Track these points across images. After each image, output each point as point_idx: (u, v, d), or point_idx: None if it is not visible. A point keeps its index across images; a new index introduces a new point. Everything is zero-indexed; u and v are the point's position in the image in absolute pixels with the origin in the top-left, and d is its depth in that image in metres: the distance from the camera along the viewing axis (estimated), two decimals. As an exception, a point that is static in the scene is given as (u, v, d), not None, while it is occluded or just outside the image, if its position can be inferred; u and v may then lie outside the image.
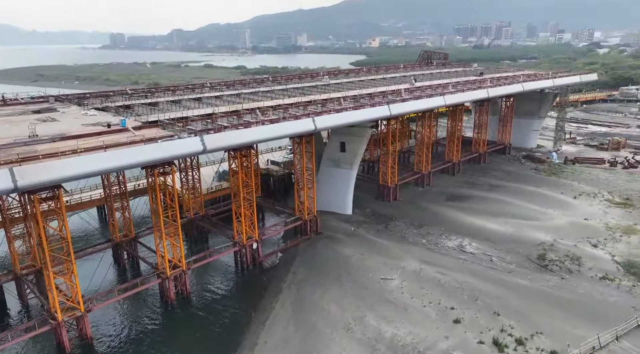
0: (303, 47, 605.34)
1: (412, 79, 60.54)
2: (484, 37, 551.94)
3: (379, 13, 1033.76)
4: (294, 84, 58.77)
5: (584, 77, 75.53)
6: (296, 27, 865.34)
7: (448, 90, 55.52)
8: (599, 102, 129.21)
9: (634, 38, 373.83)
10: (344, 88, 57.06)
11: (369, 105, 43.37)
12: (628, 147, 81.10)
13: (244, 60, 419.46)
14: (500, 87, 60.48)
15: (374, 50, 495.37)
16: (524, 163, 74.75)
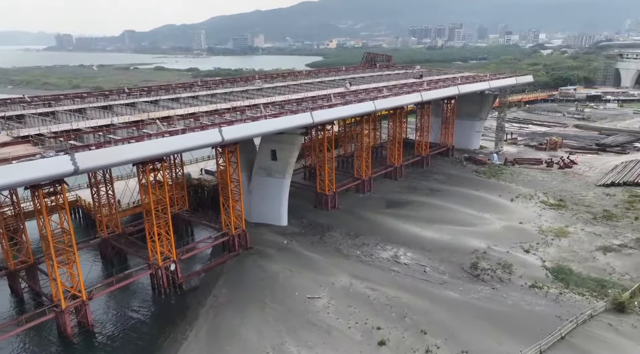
0: (260, 48, 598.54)
1: (347, 82, 58.60)
2: (438, 39, 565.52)
3: (337, 14, 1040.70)
4: (224, 88, 55.38)
5: (519, 79, 76.51)
6: (254, 28, 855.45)
7: (382, 94, 53.84)
8: (541, 102, 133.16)
9: (574, 40, 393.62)
10: (276, 93, 54.25)
11: (290, 112, 40.70)
12: (564, 147, 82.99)
13: (198, 62, 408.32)
14: (435, 90, 59.58)
15: (331, 52, 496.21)
16: (465, 165, 74.66)
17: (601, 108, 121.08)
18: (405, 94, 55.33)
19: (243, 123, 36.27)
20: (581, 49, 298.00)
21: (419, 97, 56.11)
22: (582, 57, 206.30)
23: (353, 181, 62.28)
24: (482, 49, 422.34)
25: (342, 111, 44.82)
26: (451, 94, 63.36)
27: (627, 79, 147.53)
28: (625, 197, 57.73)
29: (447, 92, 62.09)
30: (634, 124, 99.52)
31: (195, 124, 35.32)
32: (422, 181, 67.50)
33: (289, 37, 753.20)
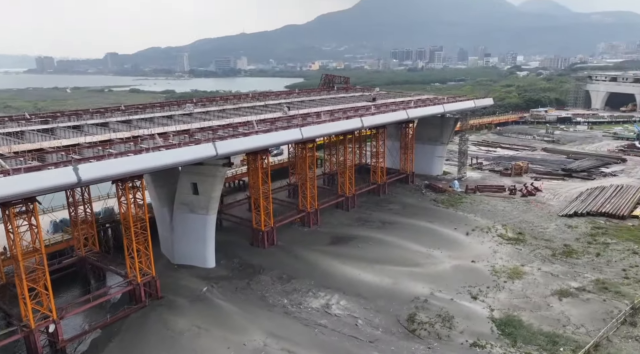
0: (242, 70, 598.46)
1: (285, 107, 53.80)
2: (419, 61, 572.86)
3: (322, 37, 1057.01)
4: (146, 114, 49.99)
5: (478, 102, 72.82)
6: (238, 51, 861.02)
7: (320, 119, 49.03)
8: (512, 124, 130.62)
9: (550, 62, 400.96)
10: (202, 119, 49.02)
11: (192, 142, 35.40)
12: (530, 172, 79.03)
13: (178, 84, 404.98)
14: (380, 115, 55.00)
15: (313, 73, 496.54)
16: (424, 193, 69.87)
17: (571, 130, 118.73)
18: (344, 119, 50.54)
19: (116, 158, 30.33)
20: (556, 71, 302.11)
21: (359, 123, 51.34)
22: (556, 79, 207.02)
23: (297, 213, 56.88)
24: (461, 70, 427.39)
25: (257, 140, 39.60)
26: (399, 119, 58.91)
27: (597, 101, 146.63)
28: (587, 230, 53.22)
29: (394, 117, 57.59)
30: (602, 147, 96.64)
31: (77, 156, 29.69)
32: (375, 212, 62.35)
33: (273, 59, 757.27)
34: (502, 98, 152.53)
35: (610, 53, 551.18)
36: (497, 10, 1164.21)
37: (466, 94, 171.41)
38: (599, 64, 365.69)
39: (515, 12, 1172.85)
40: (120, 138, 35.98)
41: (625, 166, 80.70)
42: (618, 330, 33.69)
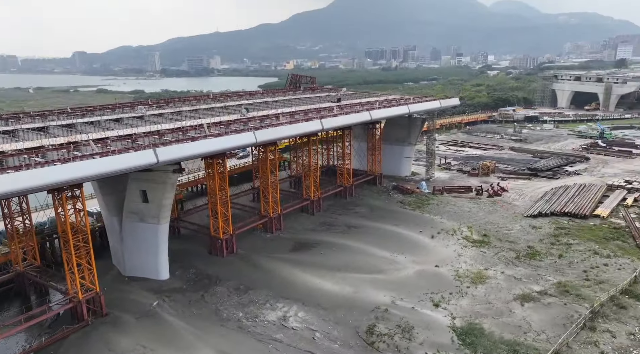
0: (216, 70, 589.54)
1: (243, 108, 51.57)
2: (393, 60, 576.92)
3: (297, 36, 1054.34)
4: (94, 117, 46.88)
5: (444, 102, 72.30)
6: (212, 50, 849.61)
7: (278, 121, 47.04)
8: (481, 123, 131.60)
9: (520, 61, 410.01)
10: (153, 122, 46.29)
11: (132, 149, 32.89)
12: (498, 172, 79.09)
13: (148, 83, 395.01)
14: (342, 116, 53.42)
15: (287, 73, 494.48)
16: (392, 195, 68.79)
17: (538, 129, 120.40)
18: (303, 121, 48.71)
19: (38, 168, 27.62)
20: (525, 71, 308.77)
21: (318, 125, 49.61)
22: (524, 78, 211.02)
23: (259, 219, 54.78)
24: (434, 70, 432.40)
25: (204, 145, 37.25)
26: (362, 120, 57.50)
27: (563, 100, 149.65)
28: (551, 230, 53.03)
29: (357, 118, 56.11)
30: (567, 146, 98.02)
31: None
32: (341, 216, 60.81)
33: (247, 58, 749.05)
34: (472, 97, 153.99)
35: (576, 53, 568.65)
36: (470, 10, 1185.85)
37: (437, 93, 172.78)
38: (565, 63, 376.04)
39: (487, 13, 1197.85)
40: (53, 145, 33.08)
41: (589, 164, 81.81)
42: (578, 336, 33.04)
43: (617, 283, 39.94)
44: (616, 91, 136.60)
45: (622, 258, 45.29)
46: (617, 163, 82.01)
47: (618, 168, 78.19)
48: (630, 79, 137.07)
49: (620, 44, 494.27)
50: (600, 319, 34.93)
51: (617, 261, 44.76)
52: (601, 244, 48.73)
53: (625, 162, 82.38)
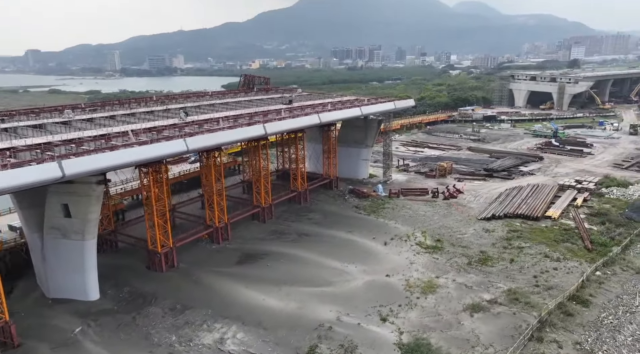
0: (179, 69, 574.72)
1: (182, 112, 48.19)
2: (358, 60, 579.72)
3: (263, 36, 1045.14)
4: (11, 122, 42.36)
5: (399, 103, 71.09)
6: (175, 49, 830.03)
7: (217, 126, 44.00)
8: (442, 123, 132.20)
9: (481, 61, 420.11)
10: (79, 128, 42.29)
11: (34, 161, 29.27)
12: (454, 173, 78.65)
13: (106, 83, 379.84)
14: (287, 120, 50.79)
15: (253, 72, 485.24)
16: (347, 199, 66.88)
17: (496, 128, 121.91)
18: (244, 126, 45.84)
19: None
20: (486, 70, 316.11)
21: (261, 130, 46.88)
22: (484, 77, 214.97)
23: (205, 229, 51.56)
24: (399, 69, 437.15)
25: (117, 157, 33.61)
26: (310, 123, 55.11)
27: (520, 99, 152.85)
28: (503, 233, 52.42)
29: (305, 121, 53.67)
30: (523, 145, 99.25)
31: None
32: (294, 223, 58.35)
33: (212, 57, 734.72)
34: (432, 97, 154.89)
35: (534, 53, 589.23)
36: (433, 10, 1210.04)
37: (399, 93, 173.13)
38: (523, 63, 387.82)
39: (450, 13, 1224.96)
40: None
41: (542, 164, 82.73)
42: (525, 348, 31.88)
43: (565, 288, 39.32)
44: (569, 90, 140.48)
45: (571, 261, 44.95)
46: (569, 162, 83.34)
47: (570, 167, 79.35)
48: (581, 79, 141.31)
49: (574, 44, 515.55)
50: (548, 329, 33.95)
51: (566, 264, 44.36)
52: (552, 246, 48.38)
53: (576, 161, 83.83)
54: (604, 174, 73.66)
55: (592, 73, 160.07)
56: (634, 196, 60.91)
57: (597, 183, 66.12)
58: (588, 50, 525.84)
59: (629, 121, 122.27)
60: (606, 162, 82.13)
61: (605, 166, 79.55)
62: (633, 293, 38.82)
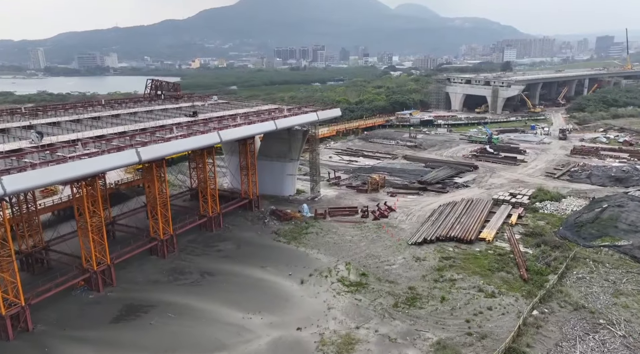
0: (111, 68, 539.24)
1: (34, 134, 37.64)
2: (302, 60, 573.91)
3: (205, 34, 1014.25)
4: None
5: (323, 114, 64.09)
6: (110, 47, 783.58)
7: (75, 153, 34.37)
8: (379, 128, 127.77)
9: (422, 62, 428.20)
10: None
11: None
12: (387, 186, 73.07)
13: (26, 83, 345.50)
14: (172, 142, 41.49)
15: (192, 72, 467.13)
16: (267, 223, 58.96)
17: (433, 133, 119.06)
18: (114, 151, 36.52)
19: None
20: (426, 71, 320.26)
21: (133, 157, 37.67)
22: (423, 79, 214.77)
23: (80, 274, 41.57)
24: (342, 70, 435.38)
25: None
26: (206, 143, 46.50)
27: (456, 103, 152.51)
28: (435, 262, 46.80)
29: (198, 142, 44.63)
30: (458, 152, 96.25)
31: None
32: (199, 257, 49.59)
33: (150, 56, 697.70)
34: (371, 100, 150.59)
35: (470, 54, 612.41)
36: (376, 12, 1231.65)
37: (338, 96, 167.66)
38: (461, 64, 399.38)
39: (391, 14, 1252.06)
40: None
41: (477, 174, 79.32)
42: None
43: (500, 336, 33.84)
44: (502, 94, 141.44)
45: (506, 297, 39.86)
46: (503, 171, 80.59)
47: (504, 177, 76.39)
48: (514, 82, 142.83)
49: (506, 47, 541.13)
50: (481, 401, 27.99)
51: (501, 301, 39.16)
52: (486, 277, 43.25)
53: (510, 169, 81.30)
54: (537, 184, 71.05)
55: (523, 77, 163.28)
56: (567, 211, 57.92)
57: (531, 196, 62.85)
58: (519, 53, 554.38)
59: (558, 125, 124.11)
60: (539, 170, 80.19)
61: (538, 174, 77.40)
62: (573, 338, 34.04)
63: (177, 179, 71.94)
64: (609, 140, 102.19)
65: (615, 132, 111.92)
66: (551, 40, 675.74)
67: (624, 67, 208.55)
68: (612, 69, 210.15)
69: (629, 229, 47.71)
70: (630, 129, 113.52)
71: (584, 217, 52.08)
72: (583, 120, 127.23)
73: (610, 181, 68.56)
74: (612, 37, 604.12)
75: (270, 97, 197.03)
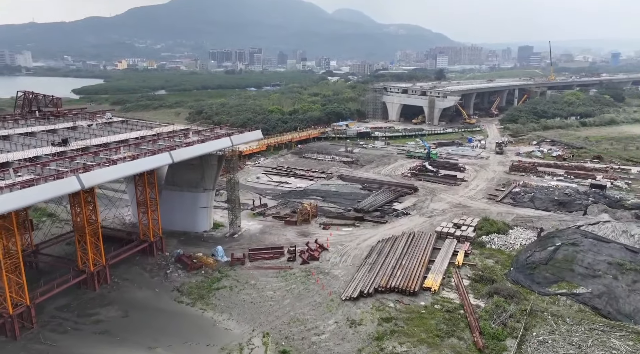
0: (24, 68, 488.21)
1: None
2: (238, 63, 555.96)
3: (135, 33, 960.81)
4: None
5: (240, 138, 52.99)
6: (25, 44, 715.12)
7: None
8: (314, 141, 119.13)
9: (359, 68, 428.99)
10: None
11: None
12: (320, 216, 64.01)
13: None
14: (8, 195, 29.65)
15: (118, 74, 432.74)
16: (170, 275, 47.41)
17: (370, 147, 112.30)
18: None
19: None
20: (363, 77, 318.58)
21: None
22: (360, 86, 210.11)
23: None
24: (280, 74, 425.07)
25: None
26: (59, 193, 34.36)
27: (393, 113, 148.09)
28: (373, 327, 38.05)
29: (46, 192, 32.45)
30: (397, 170, 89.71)
31: None
32: (64, 335, 37.21)
33: (70, 55, 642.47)
34: (306, 110, 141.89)
35: (405, 60, 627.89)
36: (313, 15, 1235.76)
37: (271, 104, 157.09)
38: (397, 70, 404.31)
39: (329, 19, 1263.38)
40: None
41: (417, 197, 72.61)
42: None
43: None
44: (439, 104, 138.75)
45: (461, 378, 31.90)
46: (444, 193, 74.67)
47: (445, 201, 70.25)
48: (449, 93, 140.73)
49: (439, 54, 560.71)
50: None
51: (455, 387, 31.08)
52: (434, 348, 35.17)
53: (451, 191, 75.59)
54: (481, 209, 65.57)
55: (459, 87, 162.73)
56: (515, 245, 52.07)
57: (476, 228, 56.58)
58: (450, 60, 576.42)
59: (493, 137, 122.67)
60: (480, 191, 75.15)
61: (480, 197, 72.17)
62: None
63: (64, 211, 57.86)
64: (544, 154, 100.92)
65: (548, 144, 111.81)
66: (479, 48, 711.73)
67: (548, 78, 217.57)
68: (538, 79, 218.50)
69: (586, 273, 42.14)
70: (560, 141, 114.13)
71: (536, 257, 46.11)
72: (516, 131, 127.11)
73: (553, 205, 64.49)
74: (532, 47, 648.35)
75: (198, 104, 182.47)
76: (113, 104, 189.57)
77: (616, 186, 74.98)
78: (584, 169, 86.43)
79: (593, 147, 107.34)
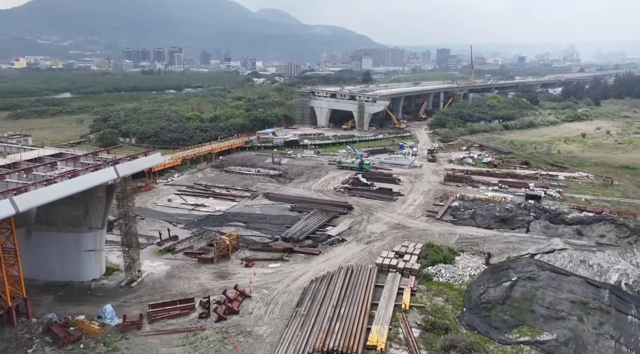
0: None
1: None
2: (157, 62, 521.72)
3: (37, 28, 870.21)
4: None
5: (128, 167, 40.92)
6: None
7: None
8: (238, 151, 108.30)
9: (285, 69, 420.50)
10: None
11: None
12: (242, 248, 54.09)
13: None
14: None
15: (14, 74, 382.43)
16: (37, 351, 35.01)
17: (299, 157, 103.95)
18: None
19: None
20: (290, 79, 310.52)
21: None
22: (286, 89, 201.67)
23: None
24: (202, 75, 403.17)
25: None
26: None
27: (322, 118, 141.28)
28: None
29: None
30: (328, 184, 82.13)
31: None
32: None
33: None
34: (228, 117, 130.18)
35: (331, 62, 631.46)
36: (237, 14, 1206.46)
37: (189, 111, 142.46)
38: (323, 71, 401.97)
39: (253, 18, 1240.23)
40: None
41: (353, 217, 65.28)
42: None
43: None
44: (368, 109, 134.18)
45: None
46: (381, 211, 68.17)
47: (383, 222, 63.62)
48: (379, 97, 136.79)
49: (364, 56, 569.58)
50: None
51: None
52: None
53: (388, 208, 69.28)
54: (421, 230, 59.80)
55: (387, 91, 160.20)
56: (464, 277, 46.29)
57: (420, 256, 50.18)
58: (375, 61, 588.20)
59: (424, 142, 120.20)
60: (419, 207, 69.66)
61: (419, 215, 66.53)
62: None
63: None
64: (475, 161, 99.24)
65: (477, 150, 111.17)
66: (401, 50, 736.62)
67: (469, 80, 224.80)
68: (461, 82, 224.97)
69: (548, 315, 36.91)
70: (488, 146, 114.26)
71: (490, 295, 40.35)
72: (446, 136, 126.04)
73: (495, 221, 60.49)
74: (449, 49, 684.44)
75: (106, 110, 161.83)
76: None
77: (549, 195, 73.53)
78: (516, 177, 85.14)
79: (519, 151, 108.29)
